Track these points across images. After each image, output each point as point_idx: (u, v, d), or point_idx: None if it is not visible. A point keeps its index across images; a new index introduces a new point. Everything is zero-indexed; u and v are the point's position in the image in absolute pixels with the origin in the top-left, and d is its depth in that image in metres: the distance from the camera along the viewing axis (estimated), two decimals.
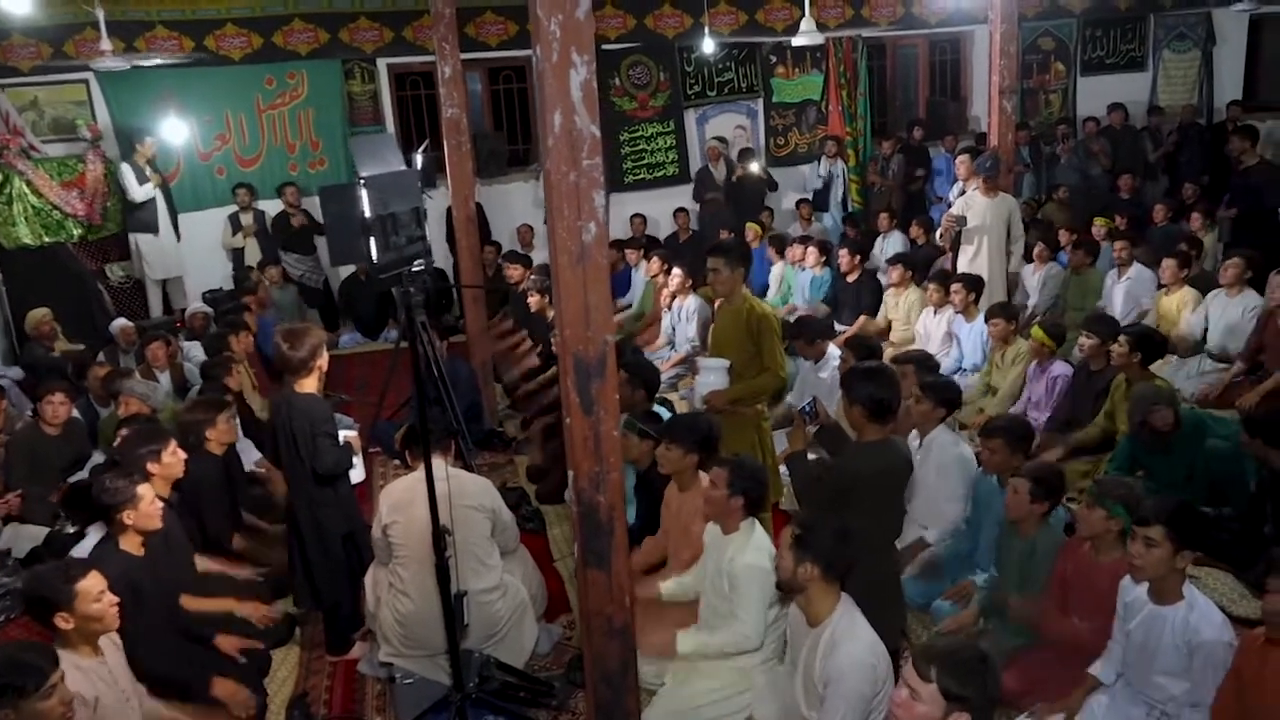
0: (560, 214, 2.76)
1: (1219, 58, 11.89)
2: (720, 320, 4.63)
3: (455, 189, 6.47)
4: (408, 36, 9.55)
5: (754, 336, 4.42)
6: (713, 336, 4.75)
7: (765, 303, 4.85)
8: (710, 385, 4.41)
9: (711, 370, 4.44)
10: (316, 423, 3.78)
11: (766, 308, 4.54)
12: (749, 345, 4.44)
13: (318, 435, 3.77)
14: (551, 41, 2.66)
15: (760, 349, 4.42)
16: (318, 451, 3.75)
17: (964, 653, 2.33)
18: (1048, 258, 7.68)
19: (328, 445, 3.79)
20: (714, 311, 4.87)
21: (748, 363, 4.44)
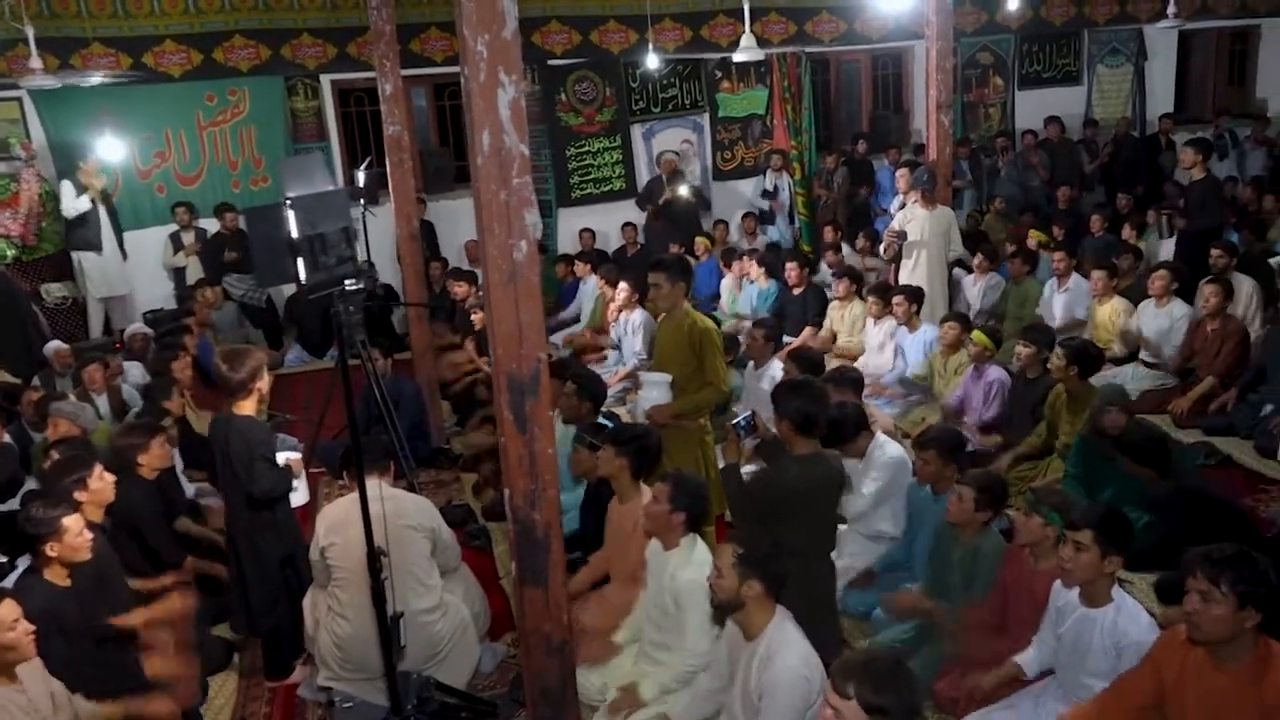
0: (491, 233, 2.77)
1: (1150, 72, 12.24)
2: (662, 335, 4.66)
3: (398, 206, 6.44)
4: (351, 52, 9.49)
5: (696, 350, 4.44)
6: (657, 350, 4.77)
7: (708, 316, 4.89)
8: (653, 400, 4.44)
9: (654, 385, 4.47)
10: (253, 445, 3.74)
11: (708, 321, 4.57)
12: (691, 359, 4.46)
13: (254, 459, 3.73)
14: (479, 61, 2.66)
15: (702, 363, 4.44)
16: (254, 475, 3.72)
17: (879, 663, 2.36)
18: (987, 268, 7.81)
19: (264, 469, 3.75)
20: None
21: (690, 377, 4.46)
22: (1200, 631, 2.57)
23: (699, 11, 10.48)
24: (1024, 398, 5.53)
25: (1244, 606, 2.49)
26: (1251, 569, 2.51)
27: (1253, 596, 2.49)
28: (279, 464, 3.92)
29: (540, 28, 10.10)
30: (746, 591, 2.85)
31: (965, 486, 3.63)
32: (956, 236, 7.10)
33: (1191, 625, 2.58)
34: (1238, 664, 2.57)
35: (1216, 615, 2.52)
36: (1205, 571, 2.53)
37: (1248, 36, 12.66)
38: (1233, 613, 2.50)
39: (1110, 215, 9.55)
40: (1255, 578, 2.50)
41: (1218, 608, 2.51)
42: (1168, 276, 6.59)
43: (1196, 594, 2.55)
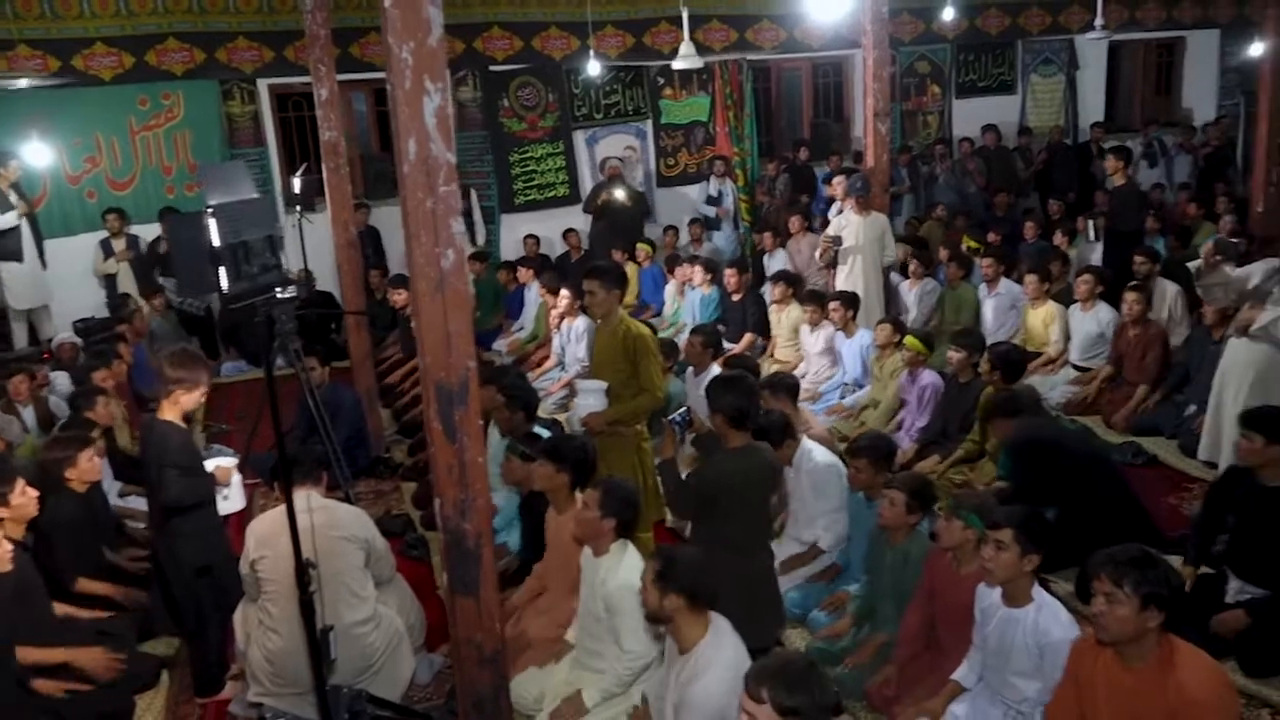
0: (418, 241, 2.75)
1: (1082, 81, 12.54)
2: (598, 342, 4.66)
3: (335, 213, 6.36)
4: (289, 56, 9.35)
5: (630, 357, 4.45)
6: (595, 358, 4.76)
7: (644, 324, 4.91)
8: (589, 407, 4.42)
9: (589, 392, 4.44)
10: (166, 452, 3.72)
11: (642, 328, 4.58)
12: (626, 365, 4.46)
13: (165, 465, 3.70)
14: (404, 69, 2.65)
15: (637, 369, 4.45)
16: (163, 482, 3.70)
17: (791, 665, 2.38)
18: (923, 274, 7.94)
19: (173, 476, 3.72)
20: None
21: (625, 383, 4.45)
22: (1107, 632, 2.63)
23: (641, 19, 10.51)
24: (956, 402, 5.63)
25: (1147, 607, 2.56)
26: (1153, 570, 2.59)
27: (1155, 597, 2.56)
28: (201, 471, 3.88)
29: (482, 33, 10.06)
30: (668, 606, 2.86)
31: (896, 491, 3.68)
32: (891, 242, 7.20)
33: (1098, 626, 2.65)
34: (1143, 663, 2.64)
35: (1121, 616, 2.58)
36: (1109, 573, 2.60)
37: (1174, 48, 13.04)
38: (1136, 613, 2.57)
39: (1044, 221, 9.79)
40: (1157, 579, 2.57)
41: (1122, 608, 2.58)
42: (1092, 281, 6.76)
43: (1102, 596, 2.62)
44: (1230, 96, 12.94)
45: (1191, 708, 2.55)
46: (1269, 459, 3.76)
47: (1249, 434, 3.78)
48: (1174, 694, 2.59)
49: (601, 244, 9.92)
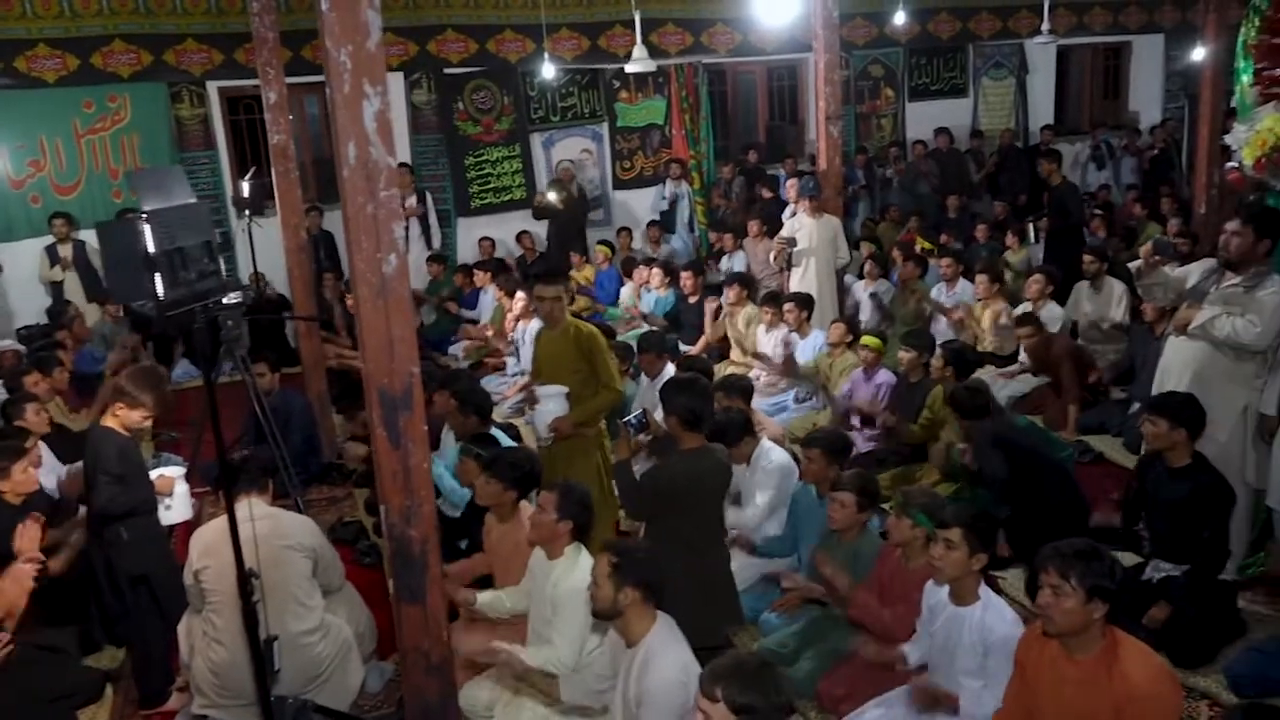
0: (359, 246, 2.73)
1: (1032, 85, 12.75)
2: (546, 347, 4.63)
3: (284, 217, 6.29)
4: (239, 59, 9.24)
5: (586, 356, 4.49)
6: (540, 364, 4.69)
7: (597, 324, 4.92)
8: (552, 412, 4.41)
9: (550, 398, 4.43)
10: (100, 459, 3.70)
11: (591, 326, 4.63)
12: (582, 366, 4.49)
13: (97, 472, 3.68)
14: (343, 73, 2.63)
15: (594, 367, 4.49)
16: (94, 489, 3.67)
17: (746, 664, 2.40)
18: (877, 275, 8.02)
19: (104, 483, 3.69)
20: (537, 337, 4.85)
21: (584, 383, 4.48)
22: (1053, 624, 2.68)
23: (596, 22, 10.52)
24: (908, 400, 5.69)
25: (1092, 599, 2.61)
26: (1098, 563, 2.64)
27: (1099, 589, 2.61)
28: (137, 479, 3.84)
29: (436, 36, 10.01)
30: (623, 600, 2.86)
31: (845, 492, 3.71)
32: (843, 244, 7.27)
33: (1045, 618, 2.70)
34: (1087, 654, 2.69)
35: (1067, 608, 2.63)
36: (1056, 566, 2.65)
37: (1120, 52, 13.30)
38: (1082, 605, 2.62)
39: (996, 223, 9.93)
40: (1101, 571, 2.62)
41: (1068, 600, 2.62)
42: (1043, 281, 6.88)
43: (1049, 588, 2.66)
44: (1175, 100, 13.22)
45: (1135, 699, 2.60)
46: (1173, 442, 3.88)
47: (1154, 419, 3.91)
48: (1119, 684, 2.63)
49: (558, 246, 9.94)
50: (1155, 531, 4.05)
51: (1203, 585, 3.86)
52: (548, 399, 4.42)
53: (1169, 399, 3.95)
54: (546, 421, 4.41)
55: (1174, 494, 3.88)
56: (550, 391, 4.43)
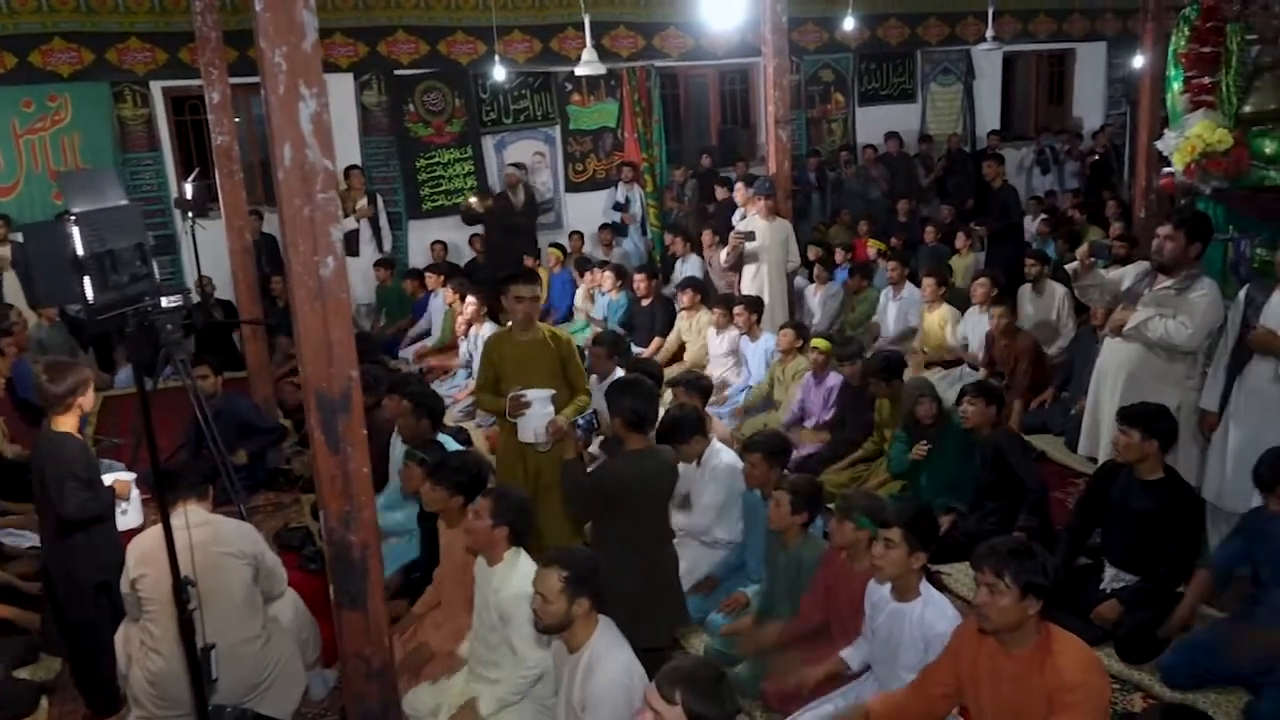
0: (296, 249, 2.70)
1: (979, 91, 12.94)
2: (518, 351, 4.48)
3: (229, 219, 6.22)
4: (184, 58, 9.08)
5: (564, 361, 4.47)
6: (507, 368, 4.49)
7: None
8: (547, 415, 4.25)
9: (543, 401, 4.27)
10: (64, 463, 3.61)
11: (563, 331, 4.63)
12: (558, 370, 4.46)
13: (64, 477, 3.59)
14: (278, 74, 2.60)
15: (569, 371, 4.49)
16: (62, 495, 3.59)
17: (704, 673, 2.42)
18: (826, 278, 8.10)
19: (73, 488, 3.61)
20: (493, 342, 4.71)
21: (559, 389, 4.41)
22: (989, 621, 2.73)
23: (548, 24, 10.49)
24: (854, 404, 5.75)
25: (1026, 595, 2.67)
26: (1032, 561, 2.69)
27: (1034, 586, 2.66)
28: (100, 484, 3.77)
29: (386, 37, 9.93)
30: (576, 610, 2.87)
31: (781, 492, 3.75)
32: (794, 247, 7.33)
33: (981, 616, 2.74)
34: (1023, 650, 2.74)
35: (1003, 605, 2.68)
36: (991, 565, 2.70)
37: (1064, 59, 13.56)
38: (1016, 602, 2.67)
39: (944, 226, 10.06)
40: (1035, 568, 2.68)
41: (1004, 598, 2.68)
42: (988, 283, 6.98)
43: (985, 586, 2.72)
44: (1117, 106, 13.50)
45: (1065, 689, 2.66)
46: (1145, 454, 3.92)
47: (1127, 430, 3.91)
48: (1050, 677, 2.69)
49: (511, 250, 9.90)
50: (1117, 542, 4.07)
51: (1163, 595, 3.93)
52: (541, 402, 4.27)
53: (1141, 409, 3.94)
54: (542, 425, 4.22)
55: (1143, 506, 3.91)
56: (542, 395, 4.28)
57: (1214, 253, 4.36)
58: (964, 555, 4.45)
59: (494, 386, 4.48)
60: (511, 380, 4.37)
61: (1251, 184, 4.19)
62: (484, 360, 4.61)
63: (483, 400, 4.66)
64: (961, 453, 5.02)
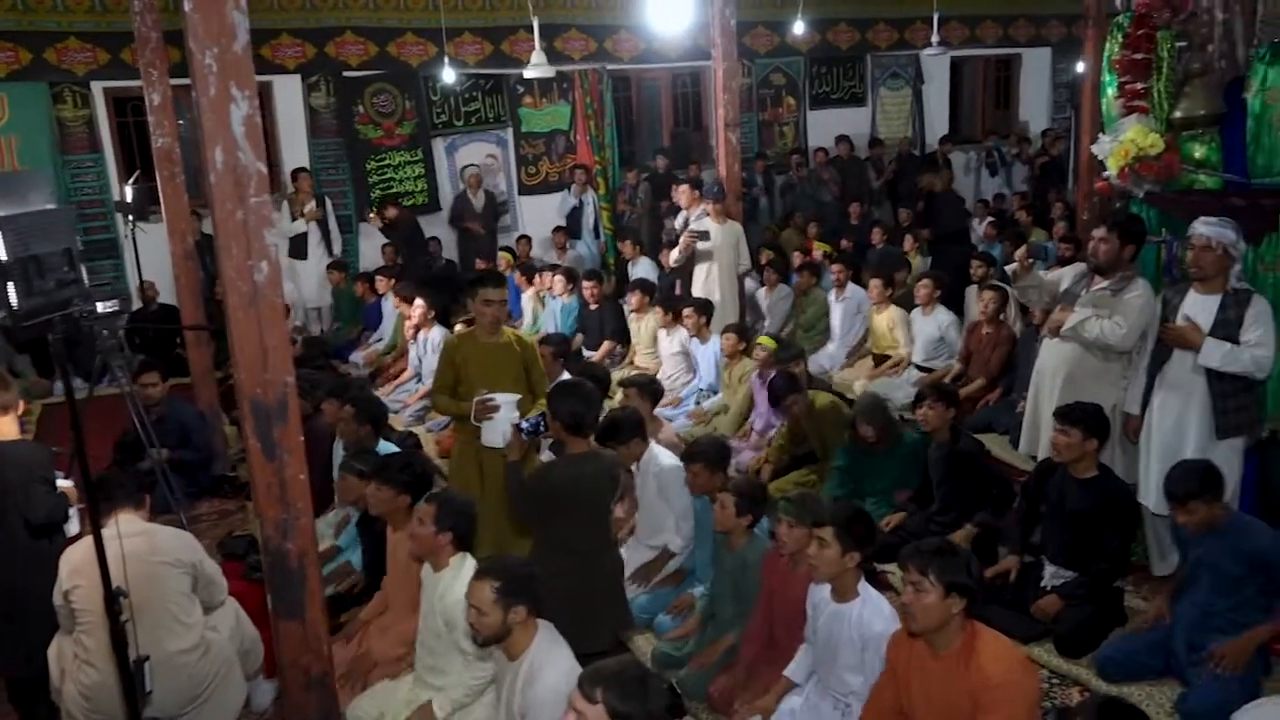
0: (229, 254, 2.67)
1: (927, 95, 13.11)
2: (483, 354, 4.43)
3: (170, 223, 6.10)
4: (126, 58, 8.90)
5: (527, 366, 4.47)
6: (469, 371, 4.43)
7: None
8: (513, 420, 4.11)
9: (510, 405, 4.20)
10: (32, 468, 3.59)
11: (527, 335, 4.62)
12: (522, 375, 4.45)
13: (30, 482, 3.56)
14: (208, 75, 2.56)
15: (532, 376, 4.49)
16: (31, 500, 3.55)
17: (627, 673, 2.41)
18: (776, 281, 8.15)
19: (43, 493, 3.58)
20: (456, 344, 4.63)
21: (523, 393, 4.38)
22: (915, 621, 2.76)
23: (499, 26, 10.45)
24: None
25: (950, 594, 2.70)
26: (955, 559, 2.73)
27: (957, 585, 2.70)
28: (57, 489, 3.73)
29: (334, 38, 9.82)
30: (513, 619, 2.85)
31: (726, 494, 3.76)
32: (745, 249, 7.37)
33: (907, 616, 2.78)
34: (949, 649, 2.78)
35: (927, 604, 2.72)
36: (916, 564, 2.74)
37: (1011, 64, 13.79)
38: (940, 600, 2.71)
39: (892, 228, 10.19)
40: (958, 567, 2.72)
41: (928, 597, 2.71)
42: (931, 285, 7.08)
43: (910, 585, 2.75)
44: (1062, 110, 13.77)
45: (988, 689, 2.70)
46: (1085, 452, 4.00)
47: (1067, 429, 3.99)
48: (975, 677, 2.73)
49: (469, 253, 9.93)
50: (1056, 540, 4.15)
51: (1102, 590, 4.02)
52: (508, 407, 4.19)
53: (1081, 408, 4.02)
54: (509, 429, 4.09)
55: (1080, 504, 3.99)
56: (509, 399, 4.22)
57: (1148, 255, 4.45)
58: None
59: (452, 389, 4.44)
60: (475, 383, 4.33)
61: (1182, 187, 4.29)
62: (444, 362, 4.54)
63: (439, 403, 4.59)
64: (909, 468, 5.07)
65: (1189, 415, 3.99)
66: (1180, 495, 3.52)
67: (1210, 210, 4.05)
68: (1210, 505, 3.51)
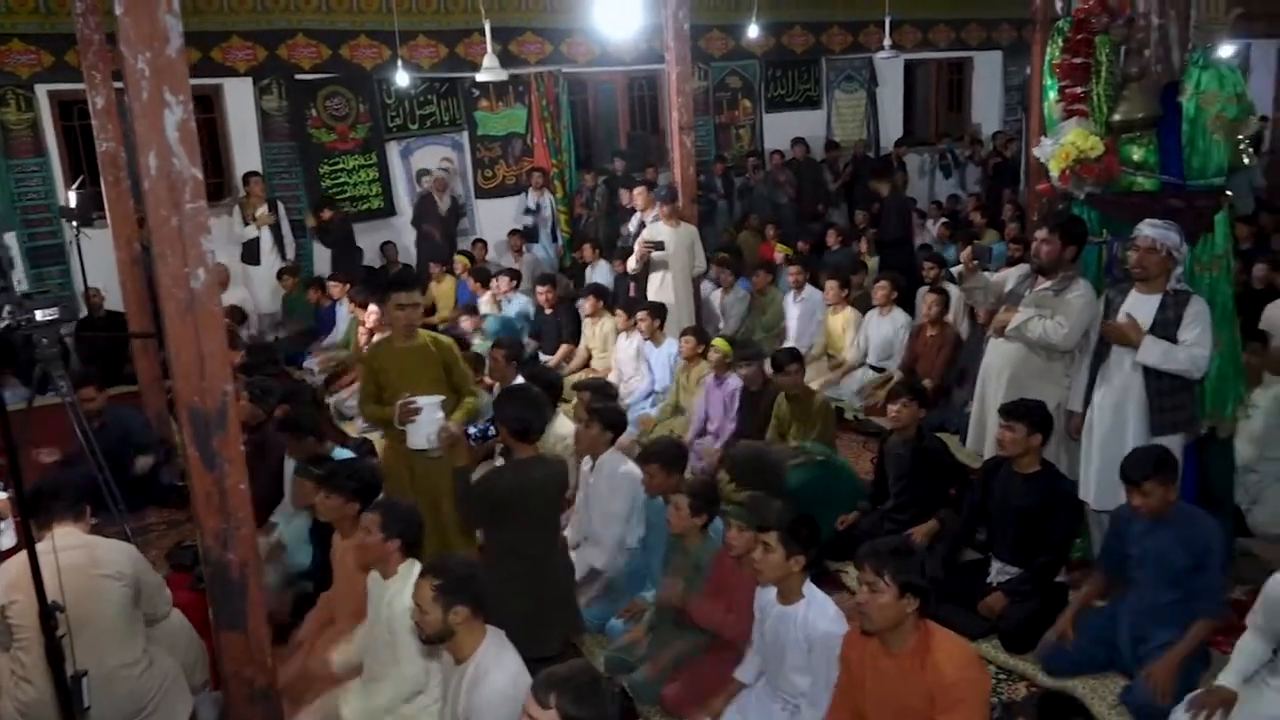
0: (164, 260, 2.64)
1: (882, 98, 13.26)
2: (400, 359, 4.44)
3: (116, 229, 6.02)
4: (70, 61, 8.73)
5: (447, 366, 4.48)
6: (391, 376, 4.44)
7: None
8: (438, 421, 4.21)
9: (433, 407, 4.23)
10: None
11: (444, 336, 4.66)
12: (442, 374, 4.46)
13: None
14: (140, 80, 2.53)
15: (454, 376, 4.49)
16: None
17: (580, 677, 2.41)
18: (732, 283, 8.19)
19: None
20: (373, 353, 4.65)
21: (446, 394, 4.39)
22: (870, 621, 2.79)
23: (453, 29, 10.40)
24: (754, 408, 5.83)
25: (904, 594, 2.73)
26: (910, 559, 2.76)
27: (911, 585, 2.73)
28: None
29: (286, 40, 9.72)
30: (454, 619, 2.83)
31: (680, 495, 3.78)
32: (700, 252, 7.39)
33: (862, 616, 2.80)
34: (903, 649, 2.81)
35: (882, 603, 2.74)
36: (871, 564, 2.76)
37: (963, 67, 13.98)
38: (895, 600, 2.74)
39: (848, 230, 10.28)
40: (913, 567, 2.75)
41: (882, 596, 2.74)
42: (888, 286, 7.15)
43: (865, 585, 2.78)
44: (1014, 113, 13.98)
45: (944, 687, 2.74)
46: (1029, 447, 4.07)
47: (1011, 424, 4.06)
48: (930, 675, 2.76)
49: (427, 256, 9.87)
50: (1002, 536, 4.21)
51: (1045, 584, 4.08)
52: (430, 408, 4.22)
53: (1024, 404, 4.09)
54: (434, 431, 4.18)
55: (1024, 500, 4.06)
56: (432, 401, 4.25)
57: (1090, 255, 4.53)
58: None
59: (377, 397, 4.45)
60: (397, 389, 4.33)
61: (1122, 189, 4.36)
62: (365, 372, 4.58)
63: (368, 411, 4.59)
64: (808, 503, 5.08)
65: (1127, 412, 4.07)
66: (1136, 478, 3.57)
67: (1149, 211, 4.13)
68: (1165, 488, 3.57)
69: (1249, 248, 8.40)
